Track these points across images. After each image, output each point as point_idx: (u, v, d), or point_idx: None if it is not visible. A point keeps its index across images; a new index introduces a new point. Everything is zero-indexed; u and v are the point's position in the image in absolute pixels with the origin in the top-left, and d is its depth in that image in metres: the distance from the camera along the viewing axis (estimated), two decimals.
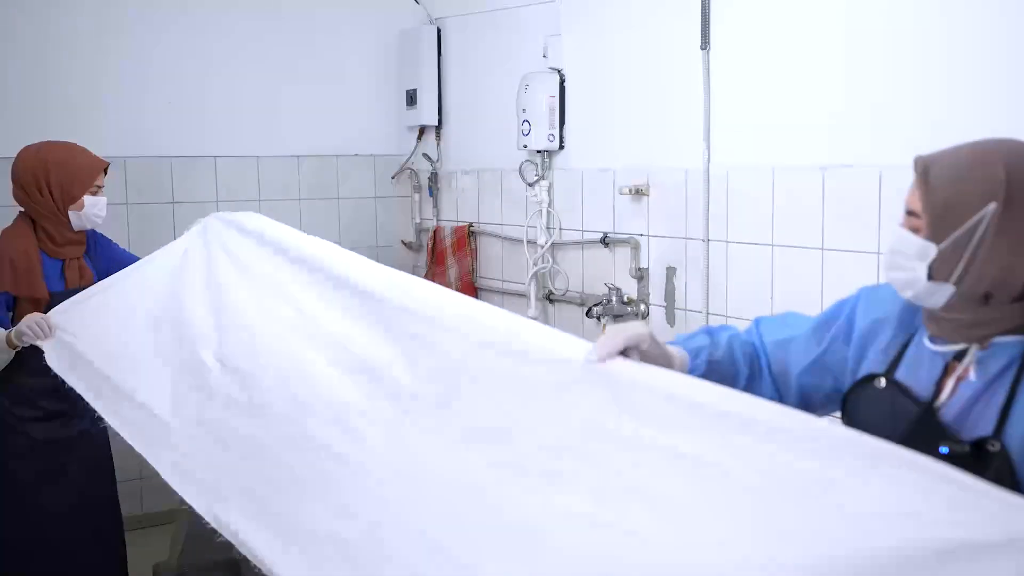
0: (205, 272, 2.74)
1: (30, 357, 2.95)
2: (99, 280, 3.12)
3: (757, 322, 1.91)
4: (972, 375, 1.52)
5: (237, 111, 4.76)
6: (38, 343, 2.86)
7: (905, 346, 1.63)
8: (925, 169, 1.52)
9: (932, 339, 1.58)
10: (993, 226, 1.45)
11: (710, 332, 1.87)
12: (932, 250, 1.49)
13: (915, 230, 1.53)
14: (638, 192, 3.72)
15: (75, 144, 3.42)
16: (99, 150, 3.77)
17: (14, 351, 2.99)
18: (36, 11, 4.30)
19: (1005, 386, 1.49)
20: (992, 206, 1.45)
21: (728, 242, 3.40)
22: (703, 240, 3.47)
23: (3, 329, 3.01)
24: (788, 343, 1.80)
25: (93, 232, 3.37)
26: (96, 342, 2.79)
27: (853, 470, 1.33)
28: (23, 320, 2.90)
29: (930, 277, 1.50)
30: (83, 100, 4.40)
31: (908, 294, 1.55)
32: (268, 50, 4.81)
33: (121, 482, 4.01)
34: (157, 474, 4.72)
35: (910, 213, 1.55)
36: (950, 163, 1.51)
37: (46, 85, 4.33)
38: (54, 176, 3.17)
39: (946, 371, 1.56)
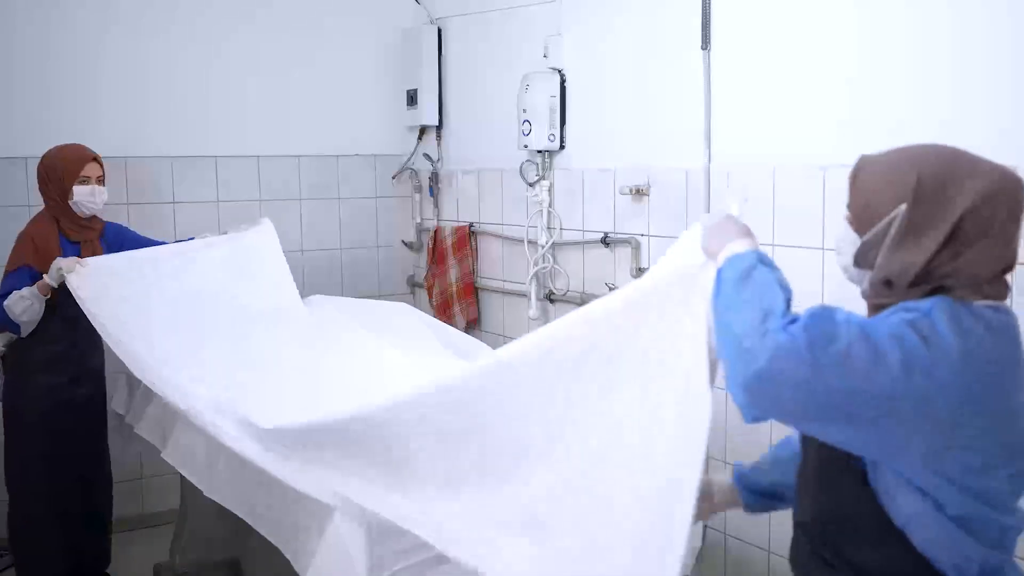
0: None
1: (43, 331, 3.53)
2: None
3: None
4: None
5: (237, 111, 4.76)
6: (68, 275, 3.36)
7: None
8: (856, 170, 1.79)
9: None
10: (903, 224, 1.69)
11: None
12: (857, 241, 1.75)
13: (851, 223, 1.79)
14: (638, 192, 3.71)
15: (74, 144, 3.74)
16: (99, 150, 3.80)
17: (45, 298, 3.47)
18: (36, 11, 4.30)
19: None
20: (903, 207, 1.68)
21: None
22: None
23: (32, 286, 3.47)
24: None
25: (111, 223, 3.82)
26: (119, 286, 3.40)
27: None
28: (58, 259, 3.43)
29: (856, 264, 1.76)
30: (83, 100, 4.40)
31: (845, 276, 1.83)
32: (268, 50, 4.80)
33: (121, 482, 4.04)
34: (157, 475, 4.81)
35: (848, 207, 1.81)
36: (875, 167, 1.77)
37: (46, 85, 4.32)
38: (50, 173, 3.62)
39: None
